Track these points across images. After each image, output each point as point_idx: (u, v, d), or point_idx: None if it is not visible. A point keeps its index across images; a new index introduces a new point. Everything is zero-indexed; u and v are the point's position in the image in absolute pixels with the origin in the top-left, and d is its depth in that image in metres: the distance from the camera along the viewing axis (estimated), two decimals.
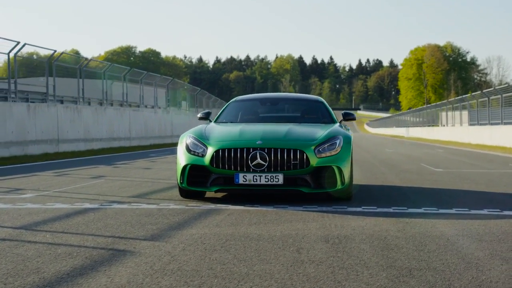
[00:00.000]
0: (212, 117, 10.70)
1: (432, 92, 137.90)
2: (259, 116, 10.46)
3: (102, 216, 7.28)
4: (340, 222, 7.04)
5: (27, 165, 17.32)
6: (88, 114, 27.96)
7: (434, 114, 56.57)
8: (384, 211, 7.97)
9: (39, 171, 14.66)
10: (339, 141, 8.88)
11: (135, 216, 7.29)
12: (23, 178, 12.73)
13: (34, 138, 23.14)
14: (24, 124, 22.51)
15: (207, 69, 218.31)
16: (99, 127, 28.96)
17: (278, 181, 8.48)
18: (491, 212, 7.96)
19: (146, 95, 38.18)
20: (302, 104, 10.91)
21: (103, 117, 29.61)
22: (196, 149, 8.80)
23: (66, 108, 26.05)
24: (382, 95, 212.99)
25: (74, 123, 26.41)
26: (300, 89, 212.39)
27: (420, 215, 7.62)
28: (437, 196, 9.72)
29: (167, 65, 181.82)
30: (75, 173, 14.23)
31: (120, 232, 6.24)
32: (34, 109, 23.29)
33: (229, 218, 7.21)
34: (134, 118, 33.45)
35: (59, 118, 25.11)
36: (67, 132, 25.76)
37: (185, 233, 6.21)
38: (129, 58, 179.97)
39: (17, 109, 22.19)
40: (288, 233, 6.28)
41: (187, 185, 8.79)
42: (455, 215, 7.65)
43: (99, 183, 11.52)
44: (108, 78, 32.74)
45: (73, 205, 8.24)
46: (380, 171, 15.10)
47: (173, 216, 7.33)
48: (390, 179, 12.74)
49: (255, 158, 8.49)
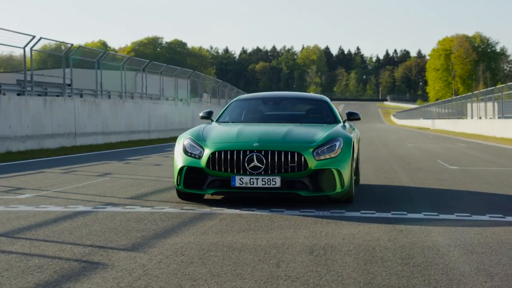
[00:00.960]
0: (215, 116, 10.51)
1: (460, 83, 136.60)
2: (260, 116, 10.27)
3: (90, 221, 7.16)
4: (332, 229, 6.85)
5: (39, 160, 17.31)
6: (106, 107, 27.97)
7: (461, 106, 55.75)
8: (382, 217, 7.76)
9: (48, 167, 14.62)
10: (339, 143, 8.67)
11: (124, 222, 7.16)
12: (29, 175, 12.69)
13: (51, 132, 23.18)
14: (40, 117, 22.54)
15: (233, 60, 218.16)
16: (117, 120, 28.96)
17: (275, 184, 8.30)
18: (492, 218, 7.71)
19: (166, 87, 38.15)
20: (305, 104, 10.69)
21: (121, 110, 29.60)
22: (193, 150, 8.66)
23: (84, 102, 26.07)
24: (410, 86, 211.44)
25: (91, 116, 26.42)
26: (326, 80, 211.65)
27: (417, 222, 7.40)
28: (441, 198, 9.47)
29: (193, 56, 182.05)
30: (83, 170, 14.17)
31: (102, 240, 6.10)
32: (50, 103, 23.31)
33: (219, 224, 7.05)
34: (153, 111, 33.42)
35: (76, 112, 25.12)
36: (84, 126, 25.77)
37: (168, 242, 6.06)
38: (155, 49, 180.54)
39: (33, 103, 22.23)
40: (274, 242, 6.10)
41: (183, 187, 8.65)
42: (454, 222, 7.41)
43: (102, 182, 11.43)
44: (128, 70, 32.71)
45: (66, 208, 8.13)
46: (393, 169, 14.85)
47: (163, 222, 7.18)
48: (400, 179, 12.48)
49: (252, 160, 8.32)
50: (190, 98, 41.91)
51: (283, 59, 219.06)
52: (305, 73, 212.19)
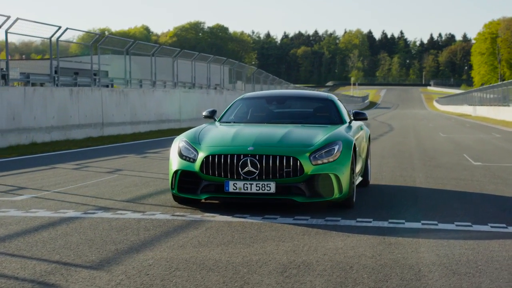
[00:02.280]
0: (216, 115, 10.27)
1: (507, 68, 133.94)
2: (263, 116, 9.99)
3: (71, 230, 6.97)
4: (318, 242, 6.56)
5: (58, 153, 17.27)
6: (135, 97, 27.92)
7: (506, 92, 54.08)
8: (377, 226, 7.44)
9: (63, 162, 14.55)
10: (338, 147, 8.36)
11: (105, 231, 6.97)
12: (39, 172, 12.61)
13: (77, 123, 23.20)
14: (66, 108, 22.56)
15: (274, 44, 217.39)
16: (146, 109, 28.90)
17: (270, 189, 8.04)
18: (493, 229, 7.35)
19: (200, 75, 38.00)
20: (310, 103, 10.37)
21: (151, 99, 29.53)
22: (188, 154, 8.44)
23: (112, 92, 26.05)
24: (454, 70, 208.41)
25: (120, 106, 26.40)
26: (368, 65, 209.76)
27: (412, 233, 7.06)
28: (448, 203, 9.09)
29: (234, 41, 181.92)
30: (96, 165, 14.06)
31: (71, 255, 5.91)
32: (77, 93, 23.32)
33: (202, 235, 6.82)
34: (184, 99, 33.29)
35: (104, 102, 25.11)
36: (112, 116, 25.76)
37: (139, 257, 5.85)
38: (197, 34, 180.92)
39: (58, 94, 22.25)
40: (249, 259, 5.84)
41: (177, 192, 8.44)
42: (450, 233, 7.06)
43: (108, 180, 11.29)
44: (159, 56, 32.60)
45: (55, 213, 7.97)
46: (412, 166, 14.44)
47: (146, 232, 6.97)
48: (415, 178, 12.10)
49: (246, 165, 8.07)
50: (223, 86, 41.69)
51: (325, 43, 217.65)
52: (347, 58, 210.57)
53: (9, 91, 19.74)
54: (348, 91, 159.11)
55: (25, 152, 17.11)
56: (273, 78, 59.54)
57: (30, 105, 20.49)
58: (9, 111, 19.50)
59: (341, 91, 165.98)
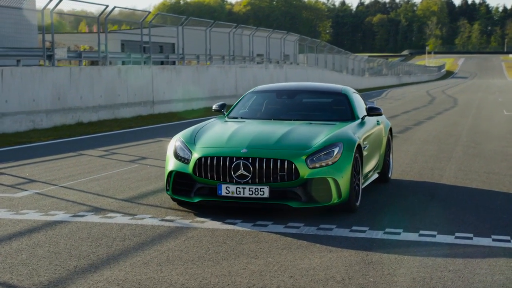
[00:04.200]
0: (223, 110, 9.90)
1: None
2: (270, 111, 9.57)
3: (43, 240, 6.76)
4: (293, 259, 6.16)
5: (96, 136, 17.25)
6: (187, 74, 27.76)
7: None
8: (368, 238, 7.00)
9: (93, 148, 14.47)
10: (338, 149, 7.90)
11: (79, 241, 6.73)
12: (61, 160, 12.53)
13: (126, 101, 23.21)
14: (114, 87, 22.57)
15: (349, 12, 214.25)
16: (200, 86, 28.72)
17: (263, 194, 7.68)
18: (494, 243, 6.81)
19: (259, 50, 37.62)
20: (322, 97, 9.87)
21: (205, 75, 29.33)
22: (183, 154, 8.16)
23: (163, 69, 25.94)
24: None
25: (171, 83, 26.29)
26: (447, 32, 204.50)
27: (401, 247, 6.59)
28: (461, 207, 8.51)
29: (308, 9, 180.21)
30: (124, 151, 13.93)
31: (24, 274, 5.67)
32: (125, 72, 23.29)
33: (176, 248, 6.51)
34: (241, 75, 32.99)
35: (154, 80, 25.03)
36: (163, 93, 25.69)
37: (93, 278, 5.57)
38: (271, 2, 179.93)
39: (106, 73, 22.26)
40: (208, 281, 5.51)
41: (172, 193, 8.18)
42: (443, 248, 6.56)
43: (123, 172, 11.10)
44: (212, 34, 32.34)
45: (44, 216, 7.79)
46: (450, 155, 13.80)
47: (121, 242, 6.72)
48: (445, 172, 11.49)
49: (239, 168, 7.72)
50: (282, 60, 41.14)
51: (402, 10, 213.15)
52: (425, 25, 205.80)
53: (54, 72, 19.82)
54: (423, 60, 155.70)
55: (63, 135, 17.13)
56: (338, 50, 58.47)
57: (76, 85, 20.56)
58: (54, 91, 19.61)
59: (416, 60, 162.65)
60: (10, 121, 17.83)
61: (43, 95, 19.13)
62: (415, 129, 19.89)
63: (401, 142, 16.11)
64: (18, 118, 18.13)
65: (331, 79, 50.48)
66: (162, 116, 23.84)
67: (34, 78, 18.81)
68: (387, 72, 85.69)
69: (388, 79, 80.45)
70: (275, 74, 37.65)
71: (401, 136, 17.65)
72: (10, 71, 17.97)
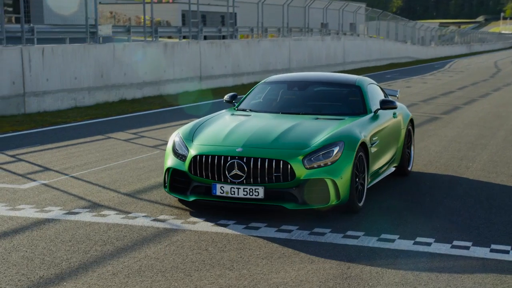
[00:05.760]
0: None
1: None
2: (279, 104, 9.24)
3: (23, 243, 6.63)
4: (268, 272, 5.89)
5: (129, 116, 17.22)
6: (237, 48, 27.47)
7: None
8: (359, 245, 6.68)
9: (122, 130, 14.40)
10: (338, 148, 7.56)
11: (59, 245, 6.59)
12: (84, 145, 12.47)
13: (172, 77, 23.10)
14: (160, 63, 22.46)
15: None
16: (250, 60, 28.39)
17: (258, 195, 7.43)
18: (490, 254, 6.41)
19: (313, 22, 37.00)
20: (334, 89, 9.45)
21: (256, 49, 28.98)
22: (181, 151, 7.96)
23: (211, 44, 25.71)
24: None
25: (220, 58, 26.05)
26: None
27: (388, 258, 6.25)
28: (468, 211, 8.05)
29: None
30: (151, 135, 13.80)
31: None
32: (172, 48, 23.16)
33: (153, 256, 6.32)
34: (295, 48, 32.48)
35: (202, 55, 24.83)
36: (211, 68, 25.49)
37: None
38: None
39: (151, 49, 22.16)
40: None
41: (169, 191, 8.00)
42: (435, 259, 6.19)
43: (140, 160, 10.97)
44: (265, 7, 31.89)
45: (37, 212, 7.69)
46: (487, 141, 13.21)
47: (101, 246, 6.56)
48: (473, 163, 10.98)
49: (233, 168, 7.47)
50: (342, 32, 40.35)
51: None
52: None
53: (97, 49, 19.83)
54: (498, 27, 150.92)
55: (100, 115, 17.13)
56: (401, 19, 56.96)
57: (119, 61, 20.55)
58: (97, 68, 19.63)
59: (491, 27, 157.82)
60: (51, 99, 17.94)
61: (85, 72, 19.17)
62: (463, 110, 19.16)
63: (441, 126, 15.51)
64: (59, 96, 18.23)
65: (393, 50, 49.38)
66: (210, 92, 23.68)
67: (76, 56, 18.84)
68: (458, 40, 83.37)
69: (457, 48, 78.30)
70: (332, 47, 36.97)
71: (444, 118, 17.02)
72: (51, 49, 18.03)
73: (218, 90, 24.21)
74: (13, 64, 16.80)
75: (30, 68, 17.26)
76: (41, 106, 17.58)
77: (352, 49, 39.76)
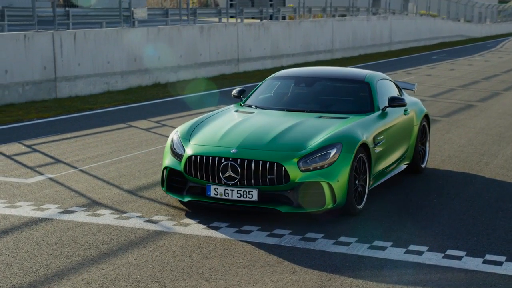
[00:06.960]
0: None
1: None
2: (285, 101, 9.01)
3: (7, 247, 6.61)
4: (246, 283, 5.73)
5: (158, 102, 17.16)
6: (277, 30, 27.15)
7: None
8: (348, 253, 6.47)
9: (146, 118, 14.34)
10: (335, 150, 7.34)
11: (45, 247, 6.54)
12: (102, 134, 12.43)
13: (208, 60, 22.98)
14: (195, 46, 22.37)
15: None
16: (290, 42, 28.05)
17: (252, 197, 7.27)
18: (481, 267, 6.10)
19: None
20: (342, 85, 9.15)
21: (297, 31, 28.61)
22: (178, 150, 7.85)
23: (249, 26, 25.47)
24: None
25: (259, 40, 25.80)
26: None
27: (373, 269, 6.03)
28: (471, 215, 7.73)
29: None
30: (173, 123, 13.65)
31: None
32: (208, 30, 23.02)
33: (138, 260, 6.22)
34: (338, 28, 31.98)
35: (240, 37, 24.64)
36: (249, 51, 25.27)
37: None
38: None
39: (187, 33, 22.05)
40: None
41: (166, 190, 7.90)
42: (423, 270, 5.94)
43: (152, 152, 10.87)
44: None
45: (33, 210, 7.66)
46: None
47: (87, 250, 6.49)
48: (494, 159, 10.62)
49: (227, 169, 7.32)
50: (389, 11, 39.56)
51: None
52: None
53: (130, 33, 19.83)
54: None
55: (129, 100, 17.09)
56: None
57: (154, 45, 20.51)
58: (130, 52, 19.64)
59: None
60: (84, 83, 18.02)
61: (118, 56, 19.20)
62: (501, 96, 18.56)
63: (473, 115, 15.04)
64: (91, 80, 18.31)
65: (445, 28, 48.31)
66: (247, 75, 23.49)
67: (109, 40, 18.88)
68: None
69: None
70: (378, 27, 36.30)
71: (479, 106, 16.52)
72: (83, 33, 18.09)
73: (255, 73, 24.00)
74: (44, 49, 16.91)
75: (62, 53, 17.34)
76: (72, 90, 17.67)
77: (399, 28, 39.00)
